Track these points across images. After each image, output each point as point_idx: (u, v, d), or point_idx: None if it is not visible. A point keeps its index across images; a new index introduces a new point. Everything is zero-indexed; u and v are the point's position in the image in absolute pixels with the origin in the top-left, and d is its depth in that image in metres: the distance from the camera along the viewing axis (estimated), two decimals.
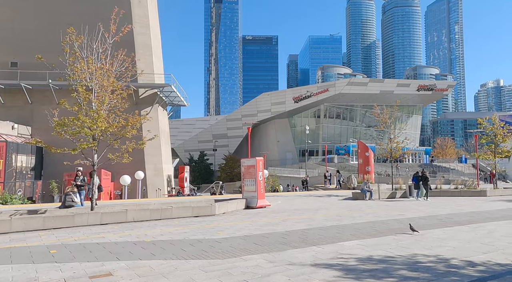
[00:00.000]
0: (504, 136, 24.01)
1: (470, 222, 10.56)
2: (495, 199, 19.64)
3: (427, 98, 65.94)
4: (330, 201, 18.80)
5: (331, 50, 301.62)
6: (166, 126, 38.75)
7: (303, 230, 9.06)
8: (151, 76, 34.53)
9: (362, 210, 14.00)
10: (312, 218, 11.52)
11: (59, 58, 10.45)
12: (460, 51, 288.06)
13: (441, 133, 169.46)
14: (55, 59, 11.26)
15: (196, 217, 12.21)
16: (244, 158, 16.79)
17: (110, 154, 11.74)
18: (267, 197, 22.04)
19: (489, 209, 14.11)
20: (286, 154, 61.49)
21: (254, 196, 15.36)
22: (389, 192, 21.44)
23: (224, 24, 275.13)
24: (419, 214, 12.63)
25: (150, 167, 33.86)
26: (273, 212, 13.48)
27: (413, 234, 8.41)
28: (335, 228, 9.48)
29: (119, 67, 11.97)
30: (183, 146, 67.11)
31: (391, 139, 23.01)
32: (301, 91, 56.97)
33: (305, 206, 16.19)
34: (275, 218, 11.66)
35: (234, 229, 9.28)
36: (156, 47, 37.33)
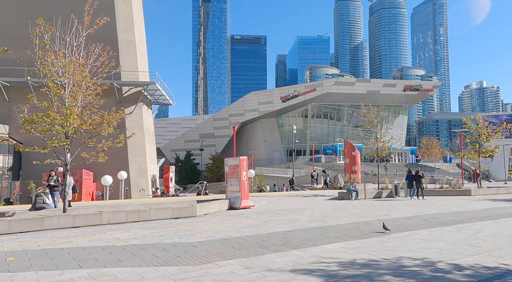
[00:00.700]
0: (488, 136, 24.19)
1: (456, 222, 10.37)
2: (479, 198, 19.71)
3: (413, 98, 66.65)
4: (316, 201, 18.52)
5: (319, 51, 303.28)
6: (151, 125, 37.95)
7: (285, 232, 8.69)
8: (135, 74, 33.73)
9: (347, 210, 13.73)
10: (296, 219, 11.16)
11: (27, 51, 9.80)
12: (445, 53, 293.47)
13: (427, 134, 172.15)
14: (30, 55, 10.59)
15: (176, 218, 11.72)
16: (228, 157, 16.36)
17: (84, 153, 11.14)
18: (253, 197, 21.65)
19: (474, 209, 14.03)
20: (274, 154, 61.22)
21: (238, 196, 14.94)
22: (375, 192, 21.33)
23: (213, 23, 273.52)
24: (404, 214, 12.42)
25: (134, 166, 33.06)
26: (257, 213, 13.09)
27: (385, 232, 8.42)
28: (318, 229, 9.13)
29: (94, 61, 11.35)
30: (169, 145, 66.13)
31: (377, 138, 22.91)
32: (288, 91, 56.79)
33: (290, 206, 15.85)
34: (257, 219, 11.26)
35: (213, 232, 8.84)
36: (141, 44, 36.51)
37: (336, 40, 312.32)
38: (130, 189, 32.07)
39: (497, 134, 24.51)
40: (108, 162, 33.39)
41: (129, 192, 30.86)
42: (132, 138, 34.71)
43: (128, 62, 33.62)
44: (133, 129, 33.72)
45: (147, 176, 34.16)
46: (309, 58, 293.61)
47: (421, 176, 19.11)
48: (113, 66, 12.24)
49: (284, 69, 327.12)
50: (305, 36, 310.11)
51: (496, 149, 25.89)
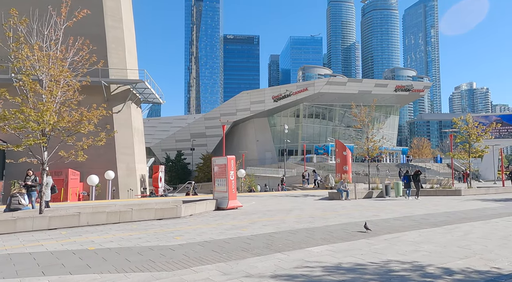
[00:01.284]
0: (478, 136, 24.19)
1: (446, 223, 10.15)
2: (469, 198, 19.64)
3: (404, 98, 66.94)
4: (305, 201, 18.23)
5: (312, 51, 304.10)
6: (140, 124, 37.30)
7: (271, 234, 8.34)
8: (124, 72, 33.09)
9: (336, 211, 13.45)
10: (283, 220, 10.83)
11: None
12: (435, 54, 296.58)
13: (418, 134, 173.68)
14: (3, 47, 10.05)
15: (160, 219, 11.30)
16: (216, 157, 15.97)
17: (62, 152, 10.64)
18: (242, 198, 21.27)
19: (464, 209, 13.86)
20: (266, 154, 60.92)
21: (225, 196, 14.56)
22: (365, 192, 21.12)
23: (205, 22, 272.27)
24: (394, 214, 12.18)
25: (122, 166, 32.44)
26: (244, 214, 12.72)
27: (367, 232, 8.33)
28: (305, 231, 8.80)
29: (73, 56, 10.86)
30: (160, 145, 65.37)
31: (368, 138, 22.75)
32: (280, 90, 56.51)
33: (279, 206, 15.52)
34: (243, 220, 10.90)
35: (196, 234, 8.46)
36: (130, 42, 35.87)
37: (328, 40, 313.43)
38: (118, 189, 31.46)
39: (487, 134, 24.53)
40: (95, 161, 32.80)
41: (116, 192, 30.24)
42: (120, 137, 34.25)
43: (117, 59, 32.99)
44: (121, 128, 33.21)
45: (136, 176, 33.56)
46: (302, 59, 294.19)
47: (419, 176, 19.28)
48: (95, 61, 11.73)
49: (277, 69, 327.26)
50: (298, 36, 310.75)
51: (486, 149, 25.95)
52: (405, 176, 20.00)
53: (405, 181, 19.56)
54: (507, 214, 12.10)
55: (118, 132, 34.04)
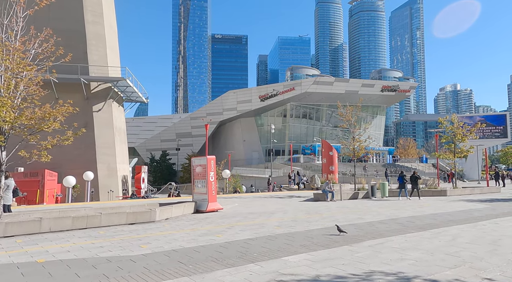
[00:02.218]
0: (463, 135, 24.11)
1: (433, 226, 9.71)
2: (455, 198, 19.45)
3: (391, 99, 67.28)
4: (290, 203, 17.68)
5: (300, 52, 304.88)
6: (122, 123, 36.18)
7: (247, 241, 7.72)
8: (105, 69, 31.98)
9: (320, 213, 12.92)
10: (263, 224, 10.22)
11: None
12: (421, 56, 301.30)
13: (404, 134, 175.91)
14: None
15: (132, 224, 10.56)
16: (195, 157, 15.27)
17: (23, 151, 9.78)
18: (225, 199, 20.60)
19: (450, 210, 13.53)
20: (253, 154, 60.30)
21: (205, 198, 13.87)
22: (351, 193, 20.73)
23: (193, 21, 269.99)
24: (379, 217, 11.71)
25: (102, 167, 31.34)
26: (223, 217, 12.07)
27: (340, 234, 8.00)
28: (285, 236, 8.21)
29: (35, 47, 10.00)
30: (144, 145, 64.01)
31: (354, 138, 22.38)
32: (267, 90, 55.99)
33: (262, 209, 14.92)
34: (221, 225, 10.25)
35: (165, 241, 7.77)
36: (112, 38, 34.73)
37: (316, 41, 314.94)
38: (98, 190, 30.37)
39: (472, 134, 24.46)
40: (74, 162, 31.55)
41: (96, 194, 29.16)
42: (101, 137, 33.07)
43: (97, 56, 31.87)
44: (102, 127, 32.14)
45: (117, 177, 32.48)
46: (290, 59, 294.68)
47: (418, 177, 19.30)
48: (62, 54, 10.89)
49: (266, 69, 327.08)
50: (286, 36, 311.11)
51: (470, 149, 25.91)
52: (400, 176, 19.96)
53: (400, 182, 19.50)
54: (494, 216, 11.78)
55: (99, 131, 33.25)
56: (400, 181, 19.53)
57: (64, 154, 31.06)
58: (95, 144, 31.05)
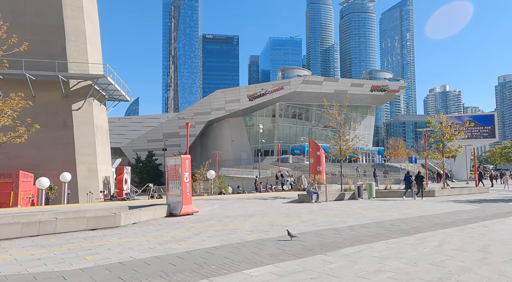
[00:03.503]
0: (452, 135, 23.67)
1: (418, 230, 8.99)
2: (443, 199, 18.92)
3: (380, 99, 67.08)
4: (272, 205, 16.89)
5: (291, 52, 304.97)
6: (104, 122, 34.97)
7: (211, 249, 6.87)
8: (84, 66, 30.77)
9: (300, 216, 12.14)
10: (235, 229, 9.38)
11: None
12: (411, 57, 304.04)
13: (394, 135, 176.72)
14: None
15: (93, 230, 9.63)
16: (169, 156, 14.38)
17: None
18: (207, 201, 19.73)
19: (437, 212, 12.88)
20: (241, 154, 59.40)
21: (179, 201, 12.99)
22: (337, 194, 20.05)
23: (184, 21, 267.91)
24: (362, 220, 10.97)
25: (82, 168, 30.14)
26: (196, 221, 11.20)
27: (292, 239, 7.34)
28: (254, 244, 7.39)
29: None
30: (131, 145, 62.58)
31: (340, 137, 21.73)
32: (255, 89, 55.16)
33: (240, 211, 14.09)
34: (190, 230, 9.38)
35: (118, 250, 6.87)
36: (93, 34, 33.51)
37: (308, 42, 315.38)
38: (77, 192, 29.16)
39: (460, 133, 24.03)
40: (52, 162, 30.23)
41: (74, 196, 27.94)
42: (81, 136, 31.80)
43: (76, 52, 30.67)
44: (81, 126, 30.92)
45: (98, 178, 31.28)
46: (281, 60, 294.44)
47: (423, 177, 19.48)
48: (16, 42, 9.90)
49: (257, 70, 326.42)
50: (277, 37, 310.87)
51: (459, 148, 25.52)
52: (406, 177, 20.02)
53: (406, 182, 19.56)
54: (482, 218, 11.14)
55: (78, 130, 31.98)
56: (406, 181, 19.53)
57: (41, 154, 29.89)
58: (75, 143, 29.86)
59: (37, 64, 28.30)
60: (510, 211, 12.94)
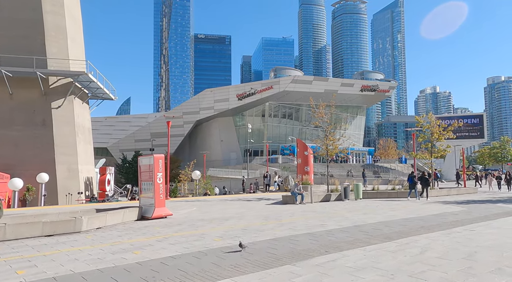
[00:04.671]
0: (440, 134, 23.26)
1: (401, 234, 8.36)
2: (431, 200, 18.46)
3: (371, 99, 66.88)
4: (255, 206, 16.17)
5: (283, 53, 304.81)
6: (86, 121, 33.85)
7: (167, 259, 6.12)
8: (65, 62, 29.68)
9: (280, 219, 11.44)
10: (204, 234, 8.63)
11: None
12: (402, 59, 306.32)
13: (385, 135, 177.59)
14: None
15: (50, 236, 8.80)
16: (143, 156, 13.58)
17: None
18: (187, 203, 18.93)
19: (424, 214, 12.31)
20: (230, 154, 58.59)
21: (151, 203, 12.19)
22: (323, 195, 19.42)
23: (175, 21, 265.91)
24: (343, 223, 10.31)
25: (62, 168, 29.03)
26: (166, 225, 10.42)
27: (242, 250, 6.55)
28: (218, 252, 6.65)
29: None
30: (117, 145, 61.27)
31: (327, 136, 21.15)
32: (244, 88, 54.41)
33: (218, 214, 13.35)
34: (155, 236, 8.60)
35: (61, 261, 6.08)
36: (74, 31, 32.39)
37: (300, 42, 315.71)
38: (56, 193, 28.08)
39: (448, 133, 23.63)
40: (30, 162, 29.07)
41: (51, 197, 26.84)
42: (60, 135, 30.67)
43: (56, 49, 29.56)
44: (61, 125, 29.81)
45: (79, 178, 30.20)
46: (273, 60, 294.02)
47: (427, 178, 19.41)
48: None
49: (249, 70, 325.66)
50: (270, 37, 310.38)
51: (447, 148, 25.15)
52: (410, 177, 19.94)
53: (410, 182, 19.43)
54: (469, 221, 10.58)
55: (58, 130, 30.83)
56: (410, 181, 19.39)
57: (18, 154, 28.70)
58: (54, 143, 28.75)
59: (14, 60, 27.21)
60: (498, 213, 12.44)
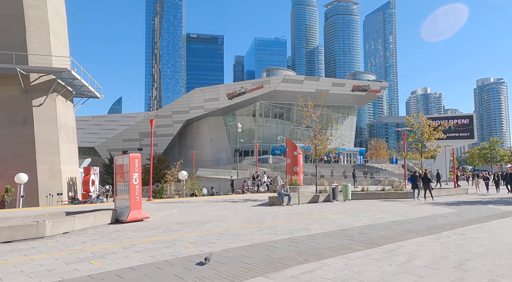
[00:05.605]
0: (430, 134, 22.92)
1: (388, 239, 7.81)
2: (420, 201, 18.03)
3: (362, 99, 66.73)
4: (239, 208, 15.54)
5: (276, 53, 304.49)
6: (70, 120, 32.85)
7: (124, 271, 5.46)
8: (47, 59, 28.69)
9: (262, 222, 10.83)
10: (177, 240, 7.97)
11: None
12: (394, 60, 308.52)
13: (377, 136, 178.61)
14: None
15: (8, 242, 8.06)
16: (118, 155, 12.85)
17: None
18: (171, 204, 18.23)
19: (412, 217, 11.81)
20: (221, 154, 57.83)
21: (127, 205, 11.49)
22: (311, 196, 18.89)
23: (167, 20, 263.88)
24: (328, 227, 9.74)
25: (43, 168, 28.05)
26: (139, 229, 9.73)
27: (205, 263, 5.76)
28: (185, 262, 6.01)
29: None
30: (105, 144, 60.07)
31: (316, 136, 20.62)
32: (235, 87, 53.71)
33: (199, 216, 12.70)
34: (122, 242, 7.92)
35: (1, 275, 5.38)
36: (58, 26, 31.39)
37: (293, 43, 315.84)
38: (37, 194, 27.07)
39: (438, 133, 23.29)
40: (10, 162, 28.00)
41: (32, 198, 25.85)
42: (42, 134, 29.66)
43: (38, 44, 28.56)
44: (43, 123, 28.79)
45: (62, 179, 29.22)
46: (266, 60, 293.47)
47: (430, 179, 19.49)
48: None
49: (242, 70, 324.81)
50: (262, 38, 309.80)
51: (438, 148, 24.84)
52: (411, 177, 19.83)
53: (411, 182, 19.47)
54: (460, 224, 10.10)
55: (40, 128, 29.78)
56: (412, 181, 19.40)
57: None
58: (35, 142, 27.77)
59: None
60: (488, 215, 12.01)
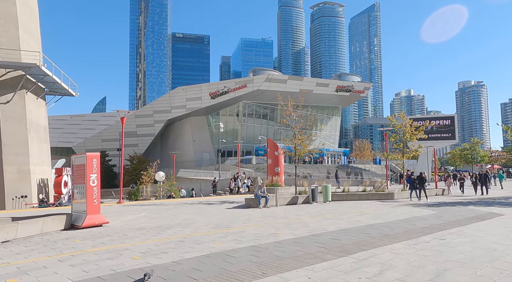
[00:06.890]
0: (412, 134, 22.57)
1: (361, 246, 7.10)
2: (401, 202, 17.59)
3: (346, 99, 66.71)
4: (213, 211, 14.69)
5: (262, 54, 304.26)
6: (41, 119, 31.28)
7: None
8: (15, 54, 27.15)
9: (230, 227, 10.01)
10: (127, 250, 7.07)
11: None
12: (378, 62, 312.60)
13: (362, 137, 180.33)
14: None
15: None
16: (75, 155, 11.81)
17: None
18: (141, 207, 17.18)
19: (391, 219, 11.21)
20: (203, 154, 56.71)
21: (84, 210, 10.49)
22: (290, 197, 18.16)
23: (152, 19, 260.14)
24: (300, 232, 8.99)
25: (11, 169, 26.54)
26: (91, 237, 8.77)
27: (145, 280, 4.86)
28: (121, 279, 5.14)
29: None
30: (83, 144, 58.03)
31: (295, 135, 19.96)
32: (218, 87, 52.71)
33: (166, 220, 11.80)
34: (63, 253, 6.97)
35: None
36: (28, 20, 29.85)
37: (279, 44, 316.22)
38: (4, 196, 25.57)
39: (420, 133, 22.98)
40: None
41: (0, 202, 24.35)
42: (9, 133, 27.99)
43: (6, 38, 27.02)
44: (11, 122, 27.23)
45: (31, 180, 27.71)
46: (253, 61, 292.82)
47: (425, 179, 19.44)
48: None
49: (229, 70, 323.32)
50: (249, 38, 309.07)
51: (419, 148, 24.58)
52: (408, 178, 19.85)
53: (408, 183, 19.45)
54: (439, 227, 9.52)
55: (7, 127, 28.15)
56: (408, 181, 19.37)
57: None
58: (1, 141, 26.25)
59: None
60: (469, 217, 11.52)
